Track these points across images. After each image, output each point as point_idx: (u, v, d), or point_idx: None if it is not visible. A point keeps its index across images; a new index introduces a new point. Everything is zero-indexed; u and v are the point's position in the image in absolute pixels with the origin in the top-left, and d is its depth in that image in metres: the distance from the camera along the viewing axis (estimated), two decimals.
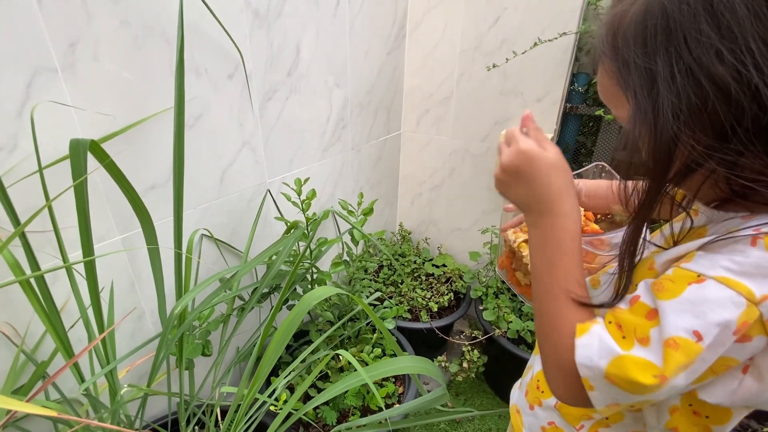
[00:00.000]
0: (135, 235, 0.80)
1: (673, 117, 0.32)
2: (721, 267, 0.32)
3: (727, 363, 0.34)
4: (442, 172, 1.65)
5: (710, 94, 0.30)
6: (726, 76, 0.30)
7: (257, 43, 0.93)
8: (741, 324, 0.31)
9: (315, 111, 1.17)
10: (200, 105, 0.85)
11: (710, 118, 0.31)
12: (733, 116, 0.30)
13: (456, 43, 1.40)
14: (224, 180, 0.95)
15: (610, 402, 0.37)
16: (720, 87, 0.30)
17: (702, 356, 0.32)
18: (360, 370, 0.55)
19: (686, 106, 0.31)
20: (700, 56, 0.30)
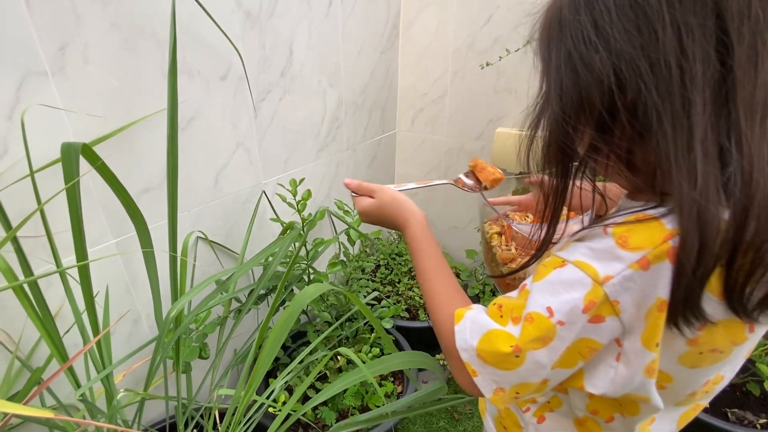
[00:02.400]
0: (129, 239, 0.80)
1: (558, 102, 0.35)
2: (580, 253, 0.35)
3: (591, 345, 0.36)
4: (437, 171, 1.65)
5: (585, 80, 0.33)
6: (597, 63, 0.32)
7: (250, 44, 0.93)
8: (588, 302, 0.33)
9: (309, 111, 1.17)
10: (193, 107, 0.85)
11: (589, 106, 0.34)
12: (608, 104, 0.33)
13: (449, 41, 1.41)
14: (219, 182, 0.95)
15: (493, 385, 0.39)
16: (592, 73, 0.33)
17: (558, 334, 0.35)
18: (360, 366, 0.55)
19: (567, 92, 0.35)
20: (578, 45, 0.33)
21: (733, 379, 0.53)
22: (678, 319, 0.32)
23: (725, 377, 0.41)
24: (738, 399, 1.11)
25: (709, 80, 0.29)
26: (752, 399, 1.10)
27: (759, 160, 0.28)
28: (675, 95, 0.30)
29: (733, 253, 0.29)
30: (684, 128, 0.30)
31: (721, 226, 0.29)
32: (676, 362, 0.36)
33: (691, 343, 0.35)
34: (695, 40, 0.29)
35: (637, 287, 0.32)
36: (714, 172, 0.29)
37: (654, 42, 0.30)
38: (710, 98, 0.29)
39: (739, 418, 1.08)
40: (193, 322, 0.76)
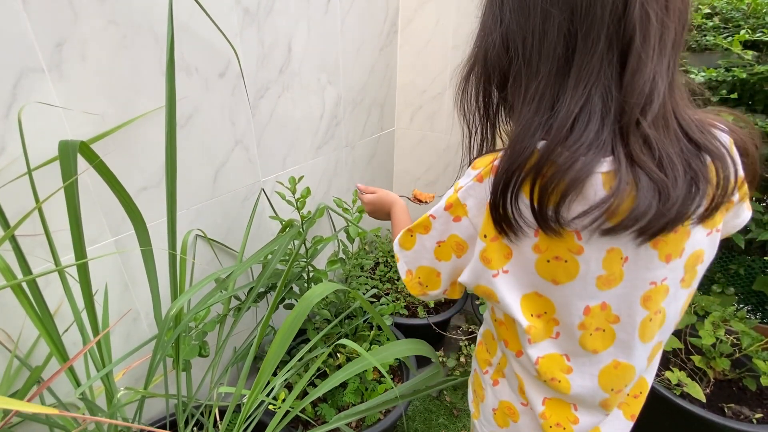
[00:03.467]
0: (128, 237, 0.79)
1: (473, 57, 0.47)
2: (461, 178, 0.47)
3: (457, 240, 0.48)
4: (436, 168, 1.65)
5: (488, 45, 0.44)
6: (496, 32, 0.43)
7: (248, 41, 0.92)
8: (447, 203, 0.46)
9: (308, 109, 1.16)
10: (191, 104, 0.84)
11: (492, 66, 0.45)
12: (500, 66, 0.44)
13: (448, 38, 1.40)
14: (217, 180, 0.95)
15: (405, 267, 0.54)
16: (492, 39, 0.43)
17: (432, 224, 0.49)
18: (363, 354, 0.55)
19: (480, 54, 0.46)
20: (489, 18, 0.44)
21: (731, 374, 0.55)
22: (494, 213, 0.42)
23: (619, 315, 0.45)
24: (734, 394, 1.12)
25: (555, 57, 0.39)
26: (749, 394, 1.11)
27: (564, 122, 0.39)
28: (532, 64, 0.41)
29: (536, 175, 0.39)
30: (530, 87, 0.41)
31: (534, 155, 0.39)
32: (535, 273, 0.44)
33: (535, 248, 0.43)
34: (553, 26, 0.39)
35: (476, 194, 0.44)
36: (539, 120, 0.40)
37: (528, 23, 0.40)
38: (553, 70, 0.39)
39: (736, 413, 1.09)
40: (193, 320, 0.76)
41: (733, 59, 1.03)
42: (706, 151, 0.39)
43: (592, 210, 0.38)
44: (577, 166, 0.37)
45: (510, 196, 0.40)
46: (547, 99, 0.40)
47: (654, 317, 0.45)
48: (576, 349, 0.47)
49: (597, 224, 0.38)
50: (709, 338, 1.04)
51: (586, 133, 0.38)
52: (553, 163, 0.38)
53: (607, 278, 0.43)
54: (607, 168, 0.38)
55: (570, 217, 0.39)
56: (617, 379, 0.49)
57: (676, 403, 1.03)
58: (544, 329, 0.47)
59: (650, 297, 0.44)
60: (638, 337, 0.46)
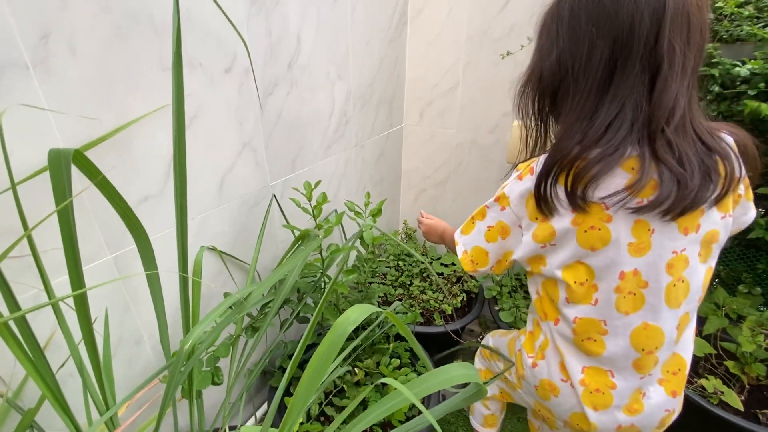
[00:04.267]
0: (129, 253, 0.71)
1: (531, 73, 0.59)
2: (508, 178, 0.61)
3: (503, 226, 0.61)
4: (447, 166, 1.58)
5: (546, 61, 0.55)
6: (553, 52, 0.54)
7: (255, 32, 0.84)
8: (495, 198, 0.62)
9: (317, 106, 1.08)
10: (196, 103, 0.76)
11: (546, 80, 0.56)
12: (555, 81, 0.55)
13: (461, 29, 1.32)
14: (224, 186, 0.86)
15: (462, 248, 0.68)
16: (550, 58, 0.55)
17: (487, 212, 0.63)
18: (405, 393, 0.48)
19: (537, 68, 0.58)
20: (548, 40, 0.55)
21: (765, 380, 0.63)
22: (536, 196, 0.54)
23: (647, 281, 0.54)
24: (765, 399, 1.08)
25: (597, 77, 0.50)
26: None
27: (601, 126, 0.50)
28: (579, 81, 0.51)
29: (570, 167, 0.51)
30: (575, 100, 0.52)
31: (571, 153, 0.51)
32: (576, 243, 0.54)
33: (573, 222, 0.53)
34: (596, 54, 0.49)
35: (517, 188, 0.57)
36: (579, 126, 0.51)
37: (578, 50, 0.51)
38: (595, 87, 0.50)
39: None
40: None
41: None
42: (716, 151, 0.49)
43: (618, 194, 0.49)
44: (605, 161, 0.48)
45: (550, 182, 0.52)
46: (588, 109, 0.51)
47: (677, 284, 0.54)
48: (612, 312, 0.56)
49: (622, 203, 0.50)
50: (749, 345, 0.99)
51: (617, 137, 0.48)
52: (585, 158, 0.50)
53: (637, 246, 0.52)
54: (632, 164, 0.49)
55: (597, 196, 0.51)
56: (647, 340, 0.56)
57: (713, 413, 0.98)
58: (584, 295, 0.57)
59: (673, 264, 0.53)
60: (664, 301, 0.54)
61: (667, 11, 0.45)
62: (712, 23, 1.08)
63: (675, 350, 0.58)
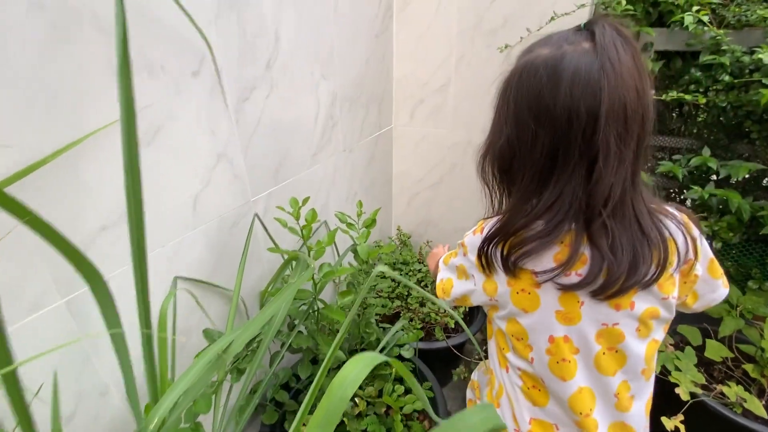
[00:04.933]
0: (86, 295, 0.60)
1: (486, 146, 0.60)
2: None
3: (462, 268, 0.65)
4: (441, 168, 1.49)
5: (496, 133, 0.57)
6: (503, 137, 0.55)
7: (226, 29, 0.73)
8: (461, 243, 0.65)
9: (301, 109, 0.98)
10: (160, 113, 0.65)
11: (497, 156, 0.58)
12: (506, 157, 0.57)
13: (452, 22, 1.24)
14: (198, 205, 0.76)
15: (440, 275, 0.72)
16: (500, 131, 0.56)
17: (458, 253, 0.67)
18: None
19: (491, 142, 0.59)
20: (500, 120, 0.56)
21: None
22: (480, 254, 0.58)
23: (579, 348, 0.56)
24: None
25: (540, 161, 0.51)
26: None
27: (543, 206, 0.52)
28: (525, 163, 0.53)
29: (507, 238, 0.54)
30: (524, 179, 0.54)
31: (513, 227, 0.54)
32: (511, 302, 0.57)
33: (508, 283, 0.56)
34: (538, 142, 0.51)
35: (471, 242, 0.61)
36: (522, 207, 0.54)
37: (522, 136, 0.52)
38: (538, 170, 0.52)
39: None
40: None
41: None
42: (649, 237, 0.51)
43: (547, 272, 0.52)
44: (541, 240, 0.51)
45: (492, 246, 0.56)
46: (531, 191, 0.53)
47: (608, 353, 0.56)
48: (547, 373, 0.58)
49: (551, 279, 0.52)
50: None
51: (555, 218, 0.51)
52: (521, 235, 0.53)
53: (566, 315, 0.54)
54: (566, 239, 0.52)
55: (528, 267, 0.54)
56: (581, 403, 0.57)
57: (737, 423, 0.93)
58: (522, 351, 0.59)
59: (602, 335, 0.55)
60: (595, 368, 0.56)
61: (603, 106, 0.46)
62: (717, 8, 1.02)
63: (621, 419, 0.58)
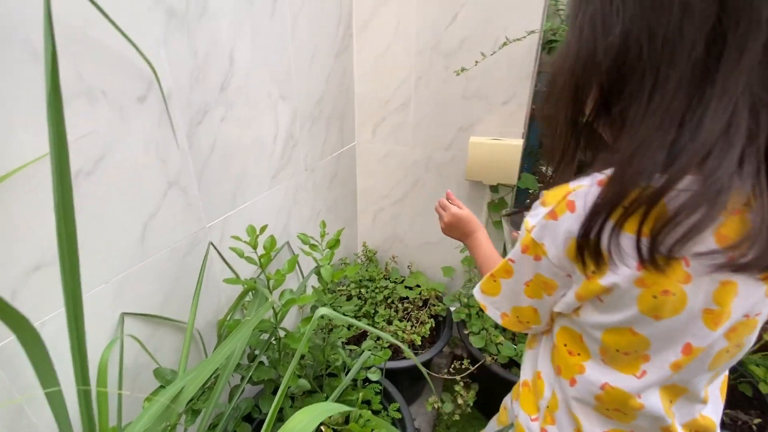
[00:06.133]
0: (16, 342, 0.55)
1: (575, 57, 0.38)
2: (529, 214, 0.44)
3: (544, 280, 0.45)
4: (404, 184, 1.50)
5: (601, 41, 0.36)
6: (614, 27, 0.35)
7: (176, 52, 0.70)
8: (523, 245, 0.45)
9: (259, 130, 0.96)
10: (101, 142, 0.61)
11: (599, 65, 0.37)
12: (614, 66, 0.36)
13: (411, 43, 1.26)
14: (147, 236, 0.71)
15: (497, 311, 0.53)
16: (606, 36, 0.36)
17: (513, 267, 0.48)
18: None
19: (585, 49, 0.37)
20: (604, 7, 0.36)
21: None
22: (583, 247, 0.38)
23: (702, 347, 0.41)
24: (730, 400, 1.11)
25: (692, 61, 0.32)
26: (744, 399, 1.11)
27: (706, 143, 0.31)
28: (660, 69, 0.33)
29: (649, 209, 0.33)
30: (653, 98, 0.34)
31: (651, 185, 0.33)
32: (635, 308, 0.39)
33: (639, 282, 0.37)
34: (693, 23, 0.31)
35: (551, 232, 0.41)
36: (661, 140, 0.33)
37: (659, 17, 0.33)
38: (687, 77, 0.32)
39: (733, 419, 1.07)
40: None
41: None
42: None
43: (714, 253, 0.34)
44: (711, 201, 0.31)
45: (609, 227, 0.35)
46: (674, 113, 0.33)
47: (732, 350, 0.42)
48: (653, 390, 0.43)
49: (717, 265, 0.34)
50: None
51: (726, 163, 0.31)
52: (666, 201, 0.33)
53: (716, 315, 0.38)
54: (723, 216, 0.32)
55: (691, 251, 0.35)
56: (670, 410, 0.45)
57: None
58: (628, 364, 0.43)
59: (737, 329, 0.40)
60: (708, 367, 0.42)
61: None
62: None
63: (702, 412, 0.47)
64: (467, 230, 0.72)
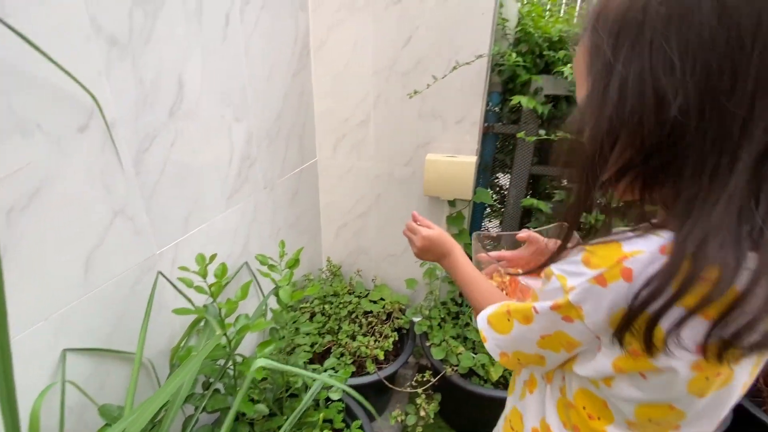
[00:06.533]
0: None
1: (613, 116, 0.34)
2: (560, 268, 0.39)
3: (568, 339, 0.41)
4: (367, 199, 1.53)
5: (649, 102, 0.32)
6: (667, 90, 0.31)
7: (119, 80, 0.69)
8: (554, 304, 0.40)
9: (213, 153, 0.95)
10: (37, 175, 0.59)
11: (641, 128, 0.33)
12: (662, 133, 0.32)
13: (368, 63, 1.29)
14: (90, 268, 0.69)
15: (497, 349, 0.49)
16: (658, 99, 0.31)
17: (535, 317, 0.43)
18: None
19: (628, 108, 0.33)
20: (656, 63, 0.31)
21: None
22: (632, 326, 0.34)
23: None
24: None
25: (763, 140, 0.30)
26: None
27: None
28: (726, 148, 0.30)
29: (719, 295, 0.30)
30: (721, 178, 0.31)
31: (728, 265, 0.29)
32: (684, 389, 0.37)
33: (696, 367, 0.35)
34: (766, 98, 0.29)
35: (597, 299, 0.36)
36: (735, 222, 0.30)
37: (731, 89, 0.29)
38: (756, 156, 0.30)
39: None
40: None
41: None
42: None
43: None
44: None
45: (680, 315, 0.32)
46: (747, 193, 0.30)
47: None
48: None
49: None
50: None
51: None
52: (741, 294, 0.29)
53: (748, 383, 0.39)
54: None
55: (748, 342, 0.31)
56: None
57: None
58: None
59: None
60: None
61: None
62: None
63: None
64: (443, 251, 0.69)
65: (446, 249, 0.69)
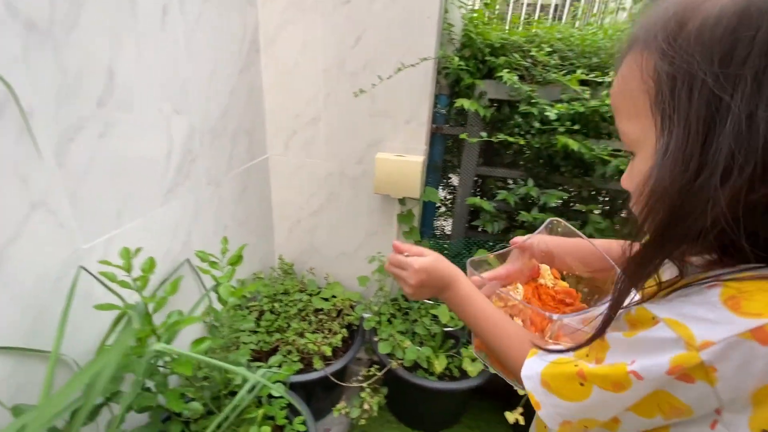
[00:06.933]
0: None
1: (722, 176, 0.26)
2: (674, 311, 0.31)
3: (671, 402, 0.32)
4: (319, 197, 1.53)
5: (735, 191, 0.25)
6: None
7: (38, 68, 0.67)
8: (674, 366, 0.29)
9: (148, 146, 0.93)
10: None
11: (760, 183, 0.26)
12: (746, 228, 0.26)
13: (318, 61, 1.30)
14: (5, 263, 0.66)
15: (559, 419, 0.38)
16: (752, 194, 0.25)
17: (634, 386, 0.32)
18: None
19: (746, 164, 0.25)
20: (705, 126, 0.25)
21: None
22: None
23: None
24: None
25: None
26: None
27: None
28: None
29: None
30: None
31: None
32: None
33: None
34: None
35: (745, 359, 0.27)
36: None
37: None
38: None
39: None
40: None
41: (571, 93, 1.17)
42: None
43: None
44: None
45: None
46: None
47: None
48: None
49: None
50: None
51: None
52: None
53: None
54: None
55: None
56: None
57: None
58: None
59: None
60: None
61: None
62: (530, 68, 1.26)
63: None
64: (444, 283, 0.54)
65: (447, 279, 0.54)
